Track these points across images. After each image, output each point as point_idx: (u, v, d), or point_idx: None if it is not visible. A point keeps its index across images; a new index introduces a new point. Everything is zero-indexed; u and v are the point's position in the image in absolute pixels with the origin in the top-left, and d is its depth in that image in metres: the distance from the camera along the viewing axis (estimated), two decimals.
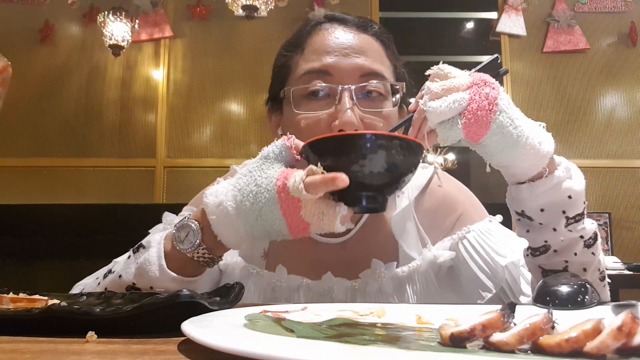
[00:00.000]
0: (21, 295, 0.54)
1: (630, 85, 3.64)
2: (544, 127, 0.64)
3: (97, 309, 0.44)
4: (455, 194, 0.83)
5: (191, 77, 3.66)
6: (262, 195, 0.55)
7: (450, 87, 0.60)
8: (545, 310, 0.32)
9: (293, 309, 0.50)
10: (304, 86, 0.73)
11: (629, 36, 3.65)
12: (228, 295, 0.53)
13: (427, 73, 0.63)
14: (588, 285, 0.54)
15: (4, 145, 3.55)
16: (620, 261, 2.40)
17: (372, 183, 0.55)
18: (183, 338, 0.41)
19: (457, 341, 0.32)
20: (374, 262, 0.76)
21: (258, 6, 3.16)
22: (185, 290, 0.45)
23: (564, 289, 0.53)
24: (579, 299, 0.52)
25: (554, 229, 0.63)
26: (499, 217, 0.81)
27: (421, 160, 0.61)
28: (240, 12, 3.21)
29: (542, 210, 0.63)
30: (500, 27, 3.66)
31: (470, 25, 3.92)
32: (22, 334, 0.43)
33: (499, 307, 0.33)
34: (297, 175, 0.54)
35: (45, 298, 0.53)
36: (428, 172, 0.83)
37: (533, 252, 0.66)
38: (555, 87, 3.62)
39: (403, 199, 0.81)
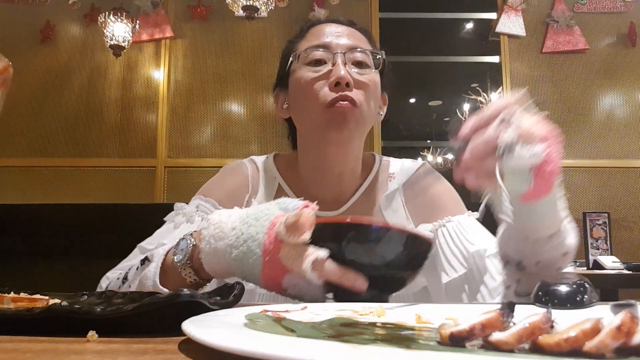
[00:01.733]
0: (22, 294, 0.54)
1: (629, 85, 3.64)
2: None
3: (98, 309, 0.44)
4: (442, 197, 0.89)
5: (192, 78, 3.66)
6: (223, 221, 0.58)
7: (533, 133, 0.52)
8: (544, 310, 0.32)
9: (293, 308, 0.50)
10: (306, 51, 0.86)
11: (628, 36, 3.66)
12: (228, 295, 0.53)
13: (495, 96, 0.58)
14: (587, 285, 0.54)
15: (5, 145, 3.55)
16: (619, 261, 2.40)
17: (376, 274, 0.55)
18: (184, 337, 0.41)
19: (456, 340, 0.32)
20: None
21: (258, 7, 3.16)
22: (185, 289, 0.46)
23: (563, 288, 0.54)
24: (577, 299, 0.53)
25: (518, 275, 0.65)
26: (477, 214, 0.84)
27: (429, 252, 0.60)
28: (241, 12, 3.22)
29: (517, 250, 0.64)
30: (499, 28, 3.66)
31: (469, 25, 3.92)
32: (23, 334, 0.43)
33: (498, 306, 0.33)
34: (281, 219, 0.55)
35: (46, 298, 0.53)
36: (417, 164, 0.94)
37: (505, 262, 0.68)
38: (554, 87, 3.62)
39: (394, 182, 0.91)
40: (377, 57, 0.88)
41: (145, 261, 0.68)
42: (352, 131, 0.83)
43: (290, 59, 0.88)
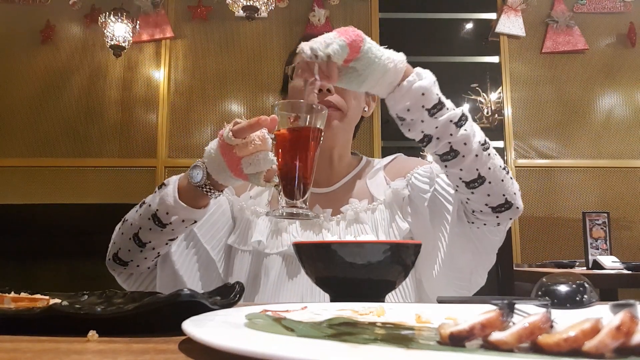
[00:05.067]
0: (22, 294, 0.54)
1: (629, 85, 3.64)
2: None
3: (99, 309, 0.44)
4: (411, 164, 1.10)
5: (192, 78, 3.66)
6: (213, 143, 0.81)
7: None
8: (544, 309, 0.32)
9: (293, 308, 0.50)
10: (298, 63, 0.99)
11: (627, 37, 3.66)
12: (229, 295, 0.53)
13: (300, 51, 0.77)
14: (587, 285, 0.54)
15: (6, 146, 3.55)
16: (619, 260, 2.40)
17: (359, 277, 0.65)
18: (184, 337, 0.41)
19: (456, 340, 0.32)
20: (351, 200, 1.04)
21: (258, 7, 3.16)
22: (185, 290, 0.46)
23: (563, 288, 0.54)
24: (577, 299, 0.53)
25: (422, 121, 0.80)
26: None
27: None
28: (241, 12, 3.21)
29: (408, 110, 0.80)
30: (499, 28, 3.66)
31: (469, 25, 3.92)
32: (24, 334, 0.43)
33: (498, 306, 0.33)
34: (227, 126, 0.77)
35: (47, 297, 0.53)
36: (396, 155, 1.16)
37: (421, 142, 0.83)
38: (554, 88, 3.62)
39: (377, 166, 1.11)
40: None
41: (162, 186, 0.87)
42: (334, 128, 1.02)
43: (287, 70, 1.07)
